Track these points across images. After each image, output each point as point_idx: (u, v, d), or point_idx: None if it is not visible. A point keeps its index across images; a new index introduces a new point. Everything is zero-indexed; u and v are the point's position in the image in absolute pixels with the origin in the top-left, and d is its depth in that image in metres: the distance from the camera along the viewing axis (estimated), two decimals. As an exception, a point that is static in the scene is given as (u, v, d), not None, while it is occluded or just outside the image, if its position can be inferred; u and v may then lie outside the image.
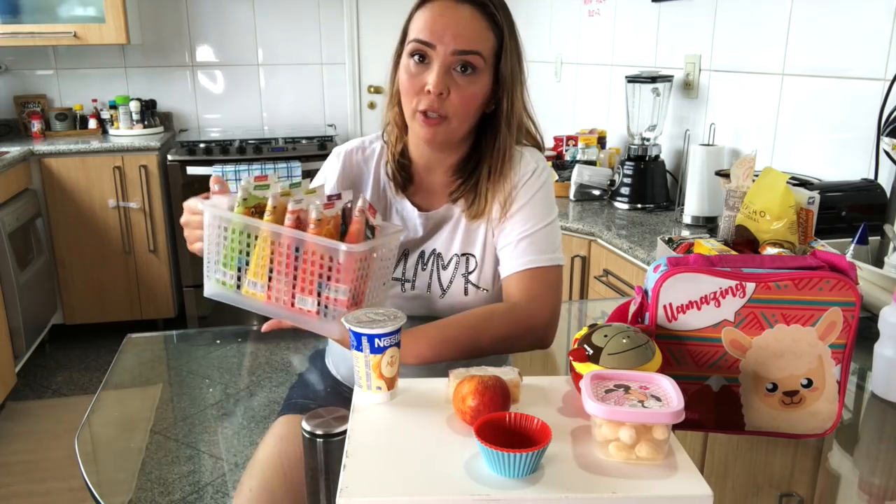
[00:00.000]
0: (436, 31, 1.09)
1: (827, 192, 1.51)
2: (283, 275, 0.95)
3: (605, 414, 0.70)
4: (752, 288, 0.83)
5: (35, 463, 2.53)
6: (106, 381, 1.18)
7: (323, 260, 0.93)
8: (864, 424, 1.07)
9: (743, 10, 2.12)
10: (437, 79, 1.09)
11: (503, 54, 1.14)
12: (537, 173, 1.19)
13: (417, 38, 1.11)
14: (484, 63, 1.12)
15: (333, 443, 0.77)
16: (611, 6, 2.84)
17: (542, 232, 1.17)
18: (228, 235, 0.98)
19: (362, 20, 3.99)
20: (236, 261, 0.98)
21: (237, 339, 1.70)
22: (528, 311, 1.13)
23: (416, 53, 1.12)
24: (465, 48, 1.09)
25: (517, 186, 1.18)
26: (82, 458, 0.95)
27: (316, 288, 0.94)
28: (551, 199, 1.22)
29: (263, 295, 0.97)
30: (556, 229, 1.20)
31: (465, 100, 1.12)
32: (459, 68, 1.11)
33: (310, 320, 0.96)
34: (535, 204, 1.18)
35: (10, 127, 3.67)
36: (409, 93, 1.13)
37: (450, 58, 1.10)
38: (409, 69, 1.12)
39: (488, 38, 1.12)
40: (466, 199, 1.20)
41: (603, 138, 2.76)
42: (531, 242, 1.16)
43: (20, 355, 2.97)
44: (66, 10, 3.45)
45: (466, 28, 1.10)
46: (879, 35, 1.67)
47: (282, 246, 0.94)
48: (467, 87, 1.11)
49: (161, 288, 3.52)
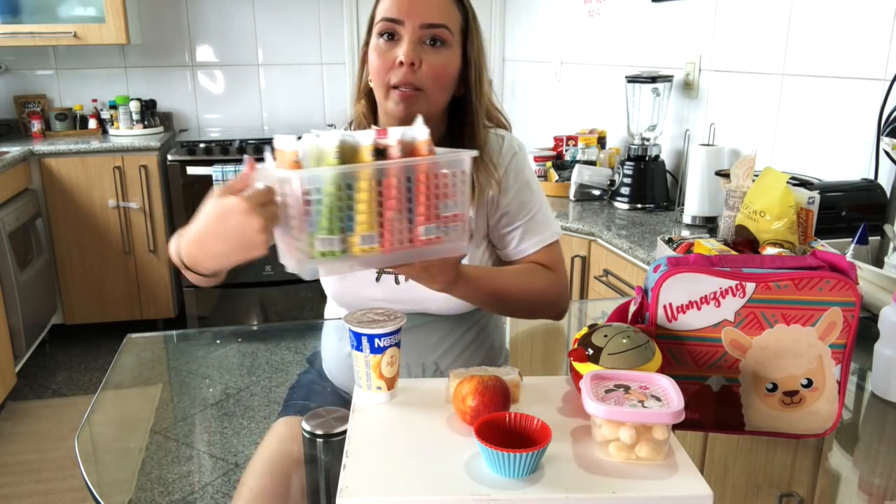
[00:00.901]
0: (402, 7, 1.11)
1: (827, 192, 1.51)
2: (399, 212, 0.87)
3: (605, 414, 0.70)
4: (752, 288, 0.83)
5: (35, 463, 2.53)
6: (106, 381, 1.18)
7: (437, 179, 0.88)
8: (864, 424, 1.07)
9: (743, 10, 2.12)
10: (408, 49, 1.10)
11: (470, 33, 1.17)
12: (519, 150, 1.24)
13: (385, 16, 1.12)
14: (452, 38, 1.14)
15: (333, 443, 0.77)
16: (611, 6, 2.84)
17: (542, 208, 1.25)
18: (322, 198, 0.84)
19: (362, 20, 3.98)
20: (340, 221, 0.85)
21: (237, 339, 1.70)
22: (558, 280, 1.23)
23: (384, 33, 1.13)
24: (433, 21, 1.12)
25: (506, 169, 1.22)
26: (82, 458, 0.95)
27: (437, 211, 0.88)
28: (534, 175, 1.28)
29: (378, 246, 0.87)
30: (545, 200, 1.27)
31: (436, 71, 1.13)
32: (429, 42, 1.12)
33: (438, 247, 0.90)
34: (529, 182, 1.24)
35: (10, 127, 3.67)
36: (381, 70, 1.13)
37: (419, 31, 1.11)
38: (378, 48, 1.14)
39: (455, 14, 1.15)
40: None
41: (603, 138, 2.76)
42: (539, 220, 1.23)
43: (20, 355, 2.97)
44: (66, 10, 3.45)
45: (433, 4, 1.13)
46: (879, 35, 1.67)
47: (391, 182, 0.85)
48: (438, 59, 1.13)
49: (161, 288, 3.52)
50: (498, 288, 1.14)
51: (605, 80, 2.90)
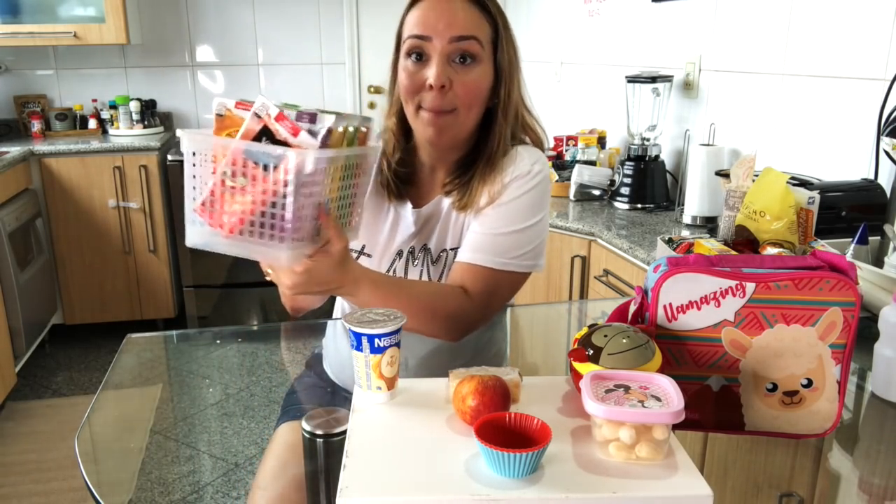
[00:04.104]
0: (429, 23, 1.08)
1: (827, 192, 1.51)
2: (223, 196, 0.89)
3: (605, 414, 0.70)
4: (752, 288, 0.83)
5: (35, 463, 2.53)
6: (106, 381, 1.18)
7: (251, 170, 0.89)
8: (864, 424, 1.07)
9: (743, 10, 2.12)
10: (437, 70, 1.07)
11: (499, 44, 1.13)
12: (531, 175, 1.14)
13: (412, 34, 1.09)
14: (482, 50, 1.10)
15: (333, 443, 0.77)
16: (611, 6, 2.84)
17: (512, 235, 1.12)
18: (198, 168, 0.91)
19: (362, 20, 3.99)
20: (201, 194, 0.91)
21: (237, 339, 1.70)
22: (472, 307, 1.10)
23: (413, 52, 1.09)
24: (462, 34, 1.07)
25: (508, 183, 1.14)
26: (82, 458, 0.95)
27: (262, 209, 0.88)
28: (539, 203, 1.15)
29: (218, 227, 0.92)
30: (535, 234, 1.15)
31: (468, 89, 1.09)
32: (458, 59, 1.08)
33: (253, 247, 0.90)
34: (519, 205, 1.13)
35: (10, 127, 3.66)
36: (410, 91, 1.10)
37: (448, 47, 1.07)
38: (407, 69, 1.10)
39: (483, 25, 1.11)
40: (459, 192, 1.17)
41: (603, 138, 2.76)
42: (494, 242, 1.12)
43: (20, 355, 2.97)
44: (66, 10, 3.45)
45: (460, 16, 1.08)
46: (879, 35, 1.67)
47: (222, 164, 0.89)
48: (469, 76, 1.09)
49: (161, 288, 3.52)
50: (390, 303, 1.04)
51: (605, 80, 2.90)
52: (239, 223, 0.87)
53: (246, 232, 0.88)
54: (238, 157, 0.86)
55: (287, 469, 1.07)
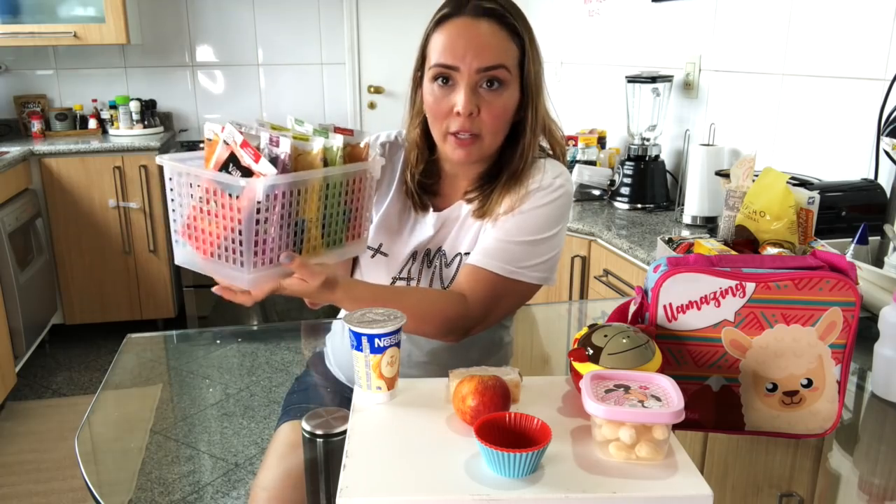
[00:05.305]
0: (457, 52, 1.06)
1: (827, 192, 1.51)
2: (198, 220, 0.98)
3: (605, 414, 0.70)
4: (752, 288, 0.83)
5: (35, 463, 2.53)
6: (106, 381, 1.18)
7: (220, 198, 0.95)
8: (864, 424, 1.07)
9: (743, 10, 2.12)
10: (465, 100, 1.06)
11: (526, 62, 1.11)
12: (553, 188, 1.14)
13: (439, 62, 1.08)
14: (510, 75, 1.09)
15: (333, 443, 0.77)
16: (611, 6, 2.84)
17: (525, 245, 1.12)
18: None
19: (362, 20, 3.98)
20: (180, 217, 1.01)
21: (237, 339, 1.70)
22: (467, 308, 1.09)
23: (439, 77, 1.09)
24: (489, 64, 1.06)
25: (530, 192, 1.14)
26: (82, 458, 0.95)
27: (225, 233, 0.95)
28: (557, 217, 1.15)
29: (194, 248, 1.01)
30: (549, 247, 1.14)
31: (495, 115, 1.09)
32: (486, 84, 1.08)
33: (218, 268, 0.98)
34: (537, 216, 1.13)
35: (10, 127, 3.66)
36: (438, 117, 1.10)
37: (475, 76, 1.07)
38: (433, 93, 1.10)
39: (511, 49, 1.09)
40: (480, 202, 1.17)
41: (603, 138, 2.76)
42: (507, 249, 1.11)
43: (20, 355, 2.97)
44: (66, 10, 3.45)
45: (488, 44, 1.07)
46: (879, 35, 1.67)
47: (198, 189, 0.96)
48: (496, 102, 1.09)
49: (161, 288, 3.52)
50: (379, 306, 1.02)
51: (605, 80, 2.90)
52: (212, 246, 0.95)
53: (216, 255, 0.96)
54: (209, 185, 0.93)
55: (289, 469, 1.07)
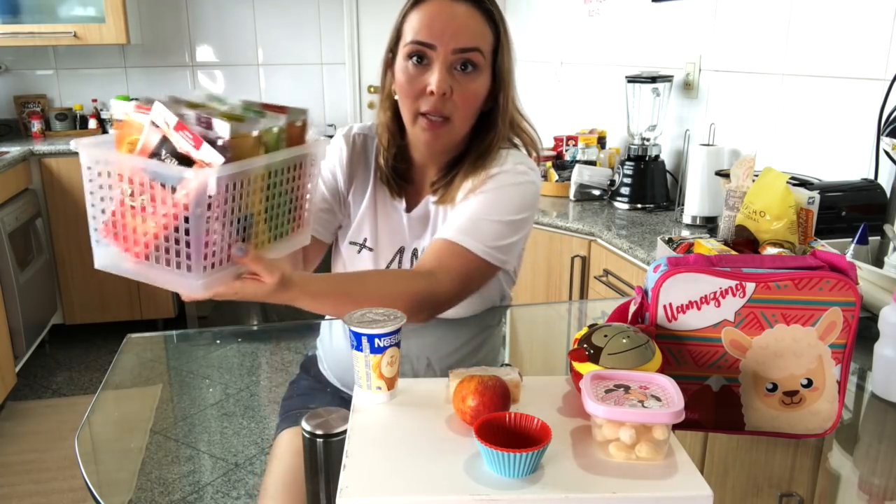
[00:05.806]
0: (434, 30, 1.07)
1: (827, 192, 1.51)
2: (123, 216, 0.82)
3: (605, 414, 0.70)
4: (752, 288, 0.83)
5: (35, 463, 2.53)
6: (106, 381, 1.18)
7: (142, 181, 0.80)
8: (864, 424, 1.07)
9: (743, 10, 2.12)
10: (439, 78, 1.07)
11: (500, 51, 1.13)
12: (516, 172, 1.14)
13: (416, 39, 1.08)
14: (484, 61, 1.10)
15: (333, 443, 0.77)
16: (611, 6, 2.84)
17: (495, 224, 1.11)
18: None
19: (362, 20, 3.99)
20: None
21: (237, 339, 1.70)
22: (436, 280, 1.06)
23: (414, 55, 1.09)
24: (466, 45, 1.07)
25: (492, 176, 1.14)
26: (82, 458, 0.95)
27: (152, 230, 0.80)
28: (526, 203, 1.15)
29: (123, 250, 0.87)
30: (515, 230, 1.13)
31: (467, 99, 1.10)
32: (460, 67, 1.09)
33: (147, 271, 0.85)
34: (503, 196, 1.12)
35: (10, 127, 3.66)
36: (409, 95, 1.10)
37: (451, 57, 1.08)
38: (407, 71, 1.10)
39: (487, 35, 1.11)
40: (443, 189, 1.18)
41: (603, 138, 2.76)
42: (477, 227, 1.10)
43: (20, 355, 2.97)
44: (66, 10, 3.45)
45: (465, 26, 1.08)
46: (879, 35, 1.67)
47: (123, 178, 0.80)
48: (469, 86, 1.10)
49: (161, 288, 3.51)
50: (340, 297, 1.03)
51: (605, 80, 2.90)
52: (145, 247, 0.79)
53: (152, 258, 0.80)
54: (136, 175, 0.77)
55: (295, 476, 1.06)
